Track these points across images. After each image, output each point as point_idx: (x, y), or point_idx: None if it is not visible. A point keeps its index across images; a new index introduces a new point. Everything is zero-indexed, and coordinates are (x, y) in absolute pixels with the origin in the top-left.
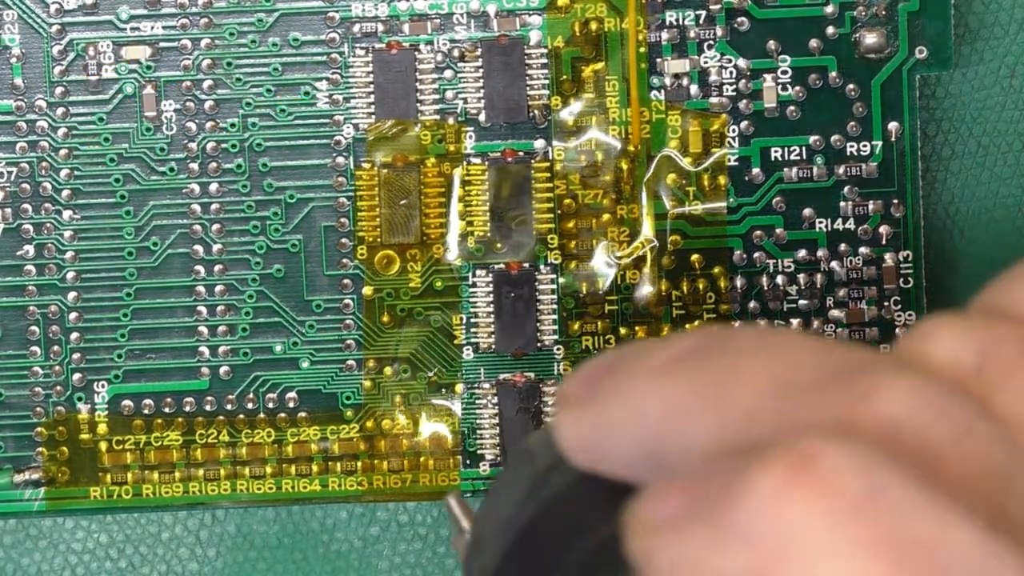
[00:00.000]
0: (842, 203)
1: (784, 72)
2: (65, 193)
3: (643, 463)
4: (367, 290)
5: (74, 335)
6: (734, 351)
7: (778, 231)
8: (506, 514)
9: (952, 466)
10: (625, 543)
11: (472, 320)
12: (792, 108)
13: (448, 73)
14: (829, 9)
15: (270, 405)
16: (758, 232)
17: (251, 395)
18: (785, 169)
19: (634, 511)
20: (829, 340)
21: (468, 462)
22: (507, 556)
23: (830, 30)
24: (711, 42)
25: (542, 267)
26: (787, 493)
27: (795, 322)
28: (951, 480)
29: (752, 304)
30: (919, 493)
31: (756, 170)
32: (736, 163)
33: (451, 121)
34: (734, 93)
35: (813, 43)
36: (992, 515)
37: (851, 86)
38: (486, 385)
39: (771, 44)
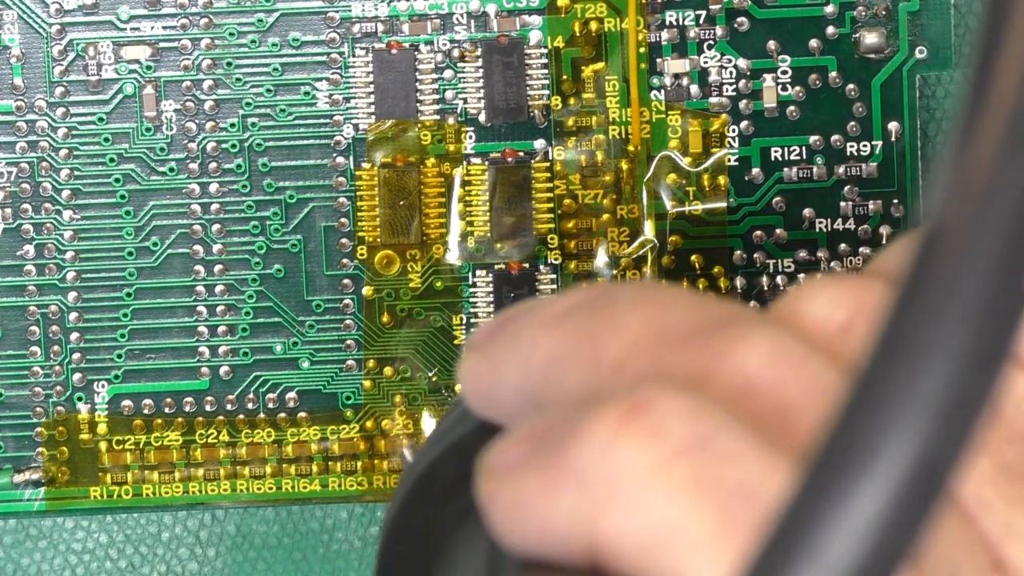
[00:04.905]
0: (842, 203)
1: (784, 72)
2: (65, 193)
3: (529, 411)
4: (367, 290)
5: (74, 335)
6: (616, 304)
7: (778, 231)
8: (416, 464)
9: (803, 422)
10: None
11: (472, 320)
12: (792, 108)
13: (448, 73)
14: (829, 9)
15: (270, 405)
16: (758, 232)
17: (251, 395)
18: (785, 169)
19: (486, 457)
20: (710, 297)
21: None
22: (404, 502)
23: (830, 30)
24: (711, 42)
25: (542, 267)
26: (617, 438)
27: None
28: (801, 435)
29: (752, 304)
30: (745, 442)
31: (756, 170)
32: (736, 163)
33: (451, 121)
34: (734, 93)
35: (813, 43)
36: None
37: (851, 86)
38: None
39: (771, 44)
